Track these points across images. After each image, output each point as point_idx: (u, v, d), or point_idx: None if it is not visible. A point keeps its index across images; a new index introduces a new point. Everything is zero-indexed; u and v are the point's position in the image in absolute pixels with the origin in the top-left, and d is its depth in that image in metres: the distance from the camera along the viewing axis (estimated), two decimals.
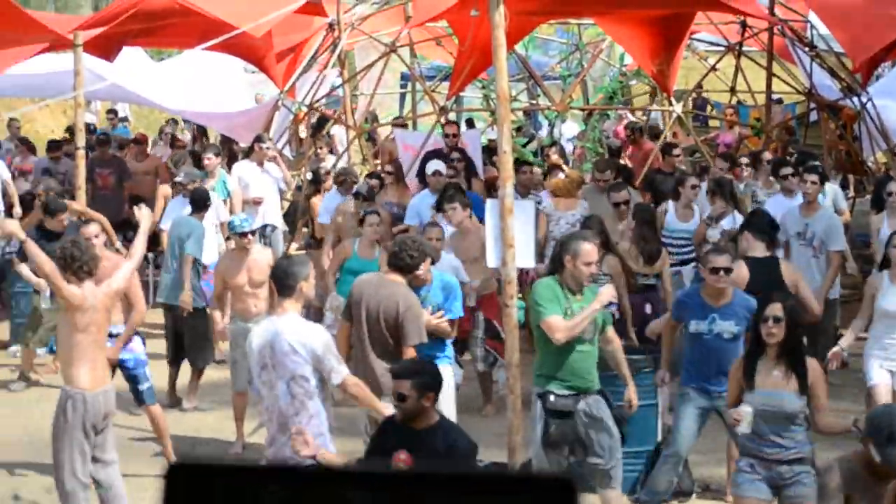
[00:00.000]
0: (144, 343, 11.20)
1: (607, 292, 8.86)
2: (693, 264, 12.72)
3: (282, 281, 8.05)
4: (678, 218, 13.72)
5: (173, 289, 13.16)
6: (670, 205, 13.92)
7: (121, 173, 18.71)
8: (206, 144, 20.38)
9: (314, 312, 12.79)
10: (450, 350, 10.07)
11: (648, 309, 12.03)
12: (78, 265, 8.92)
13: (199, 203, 13.71)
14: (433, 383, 7.18)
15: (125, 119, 31.84)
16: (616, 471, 8.96)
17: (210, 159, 16.23)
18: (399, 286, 9.20)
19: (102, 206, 16.07)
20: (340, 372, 7.86)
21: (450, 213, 12.53)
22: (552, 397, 8.81)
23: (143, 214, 9.72)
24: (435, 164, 14.87)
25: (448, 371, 9.66)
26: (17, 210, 17.95)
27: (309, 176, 18.06)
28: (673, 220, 13.75)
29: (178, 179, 15.28)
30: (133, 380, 10.92)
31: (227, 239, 13.89)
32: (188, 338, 13.06)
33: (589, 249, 8.84)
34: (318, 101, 20.88)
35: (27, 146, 21.39)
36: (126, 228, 16.36)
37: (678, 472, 9.69)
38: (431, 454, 6.85)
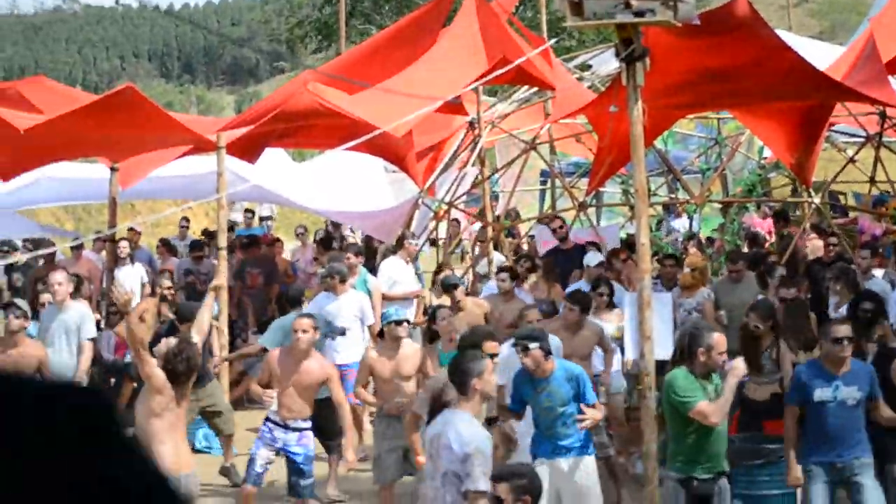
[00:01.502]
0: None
1: (740, 366, 9.04)
2: None
3: (454, 378, 8.14)
4: None
5: None
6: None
7: (270, 272, 19.04)
8: (347, 244, 20.57)
9: None
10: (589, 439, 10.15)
11: None
12: (180, 363, 9.40)
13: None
14: (530, 487, 7.20)
15: (269, 218, 32.50)
16: None
17: (350, 258, 16.38)
18: None
19: (255, 304, 16.58)
20: (476, 483, 7.71)
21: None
22: (695, 482, 9.03)
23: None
24: (598, 256, 15.52)
25: (593, 462, 9.95)
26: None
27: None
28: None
29: (321, 272, 15.51)
30: (299, 473, 11.37)
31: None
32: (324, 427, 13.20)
33: (719, 340, 9.08)
34: (457, 198, 21.11)
35: (167, 248, 21.85)
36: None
37: None
38: None
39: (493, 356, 9.49)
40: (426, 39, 17.04)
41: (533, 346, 9.82)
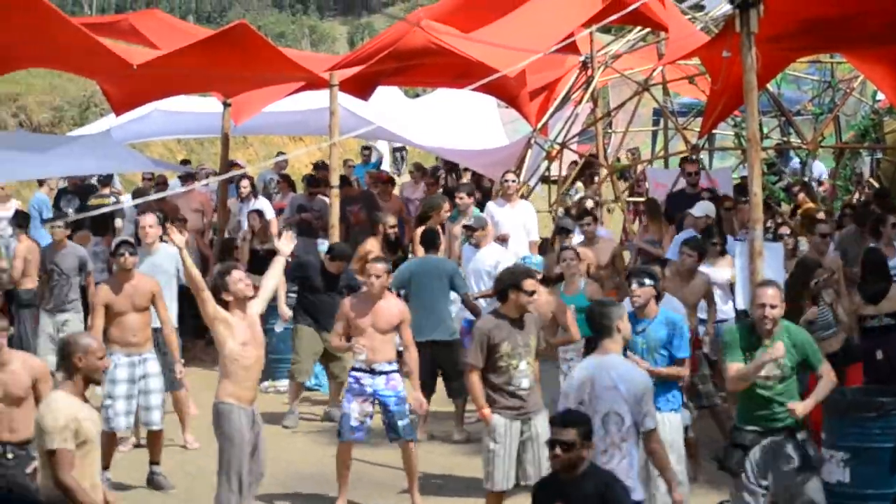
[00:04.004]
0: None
1: (778, 348, 8.90)
2: None
3: (599, 322, 8.34)
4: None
5: (435, 324, 13.71)
6: None
7: (371, 207, 18.95)
8: (459, 183, 20.80)
9: None
10: (679, 396, 10.22)
11: (880, 355, 11.64)
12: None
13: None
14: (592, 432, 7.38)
15: (402, 149, 32.71)
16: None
17: (462, 198, 16.50)
18: None
19: (358, 241, 16.76)
20: (654, 421, 8.12)
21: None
22: (749, 436, 9.08)
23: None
24: (706, 207, 15.42)
25: (677, 419, 10.02)
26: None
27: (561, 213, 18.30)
28: None
29: (466, 223, 15.60)
30: (393, 415, 11.37)
31: None
32: (450, 370, 13.71)
33: (764, 292, 9.08)
34: (570, 138, 21.08)
35: (287, 182, 21.86)
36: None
37: None
38: (587, 500, 7.14)
39: (531, 293, 9.93)
40: None
41: (648, 282, 9.99)
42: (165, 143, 31.30)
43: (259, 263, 15.38)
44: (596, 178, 21.27)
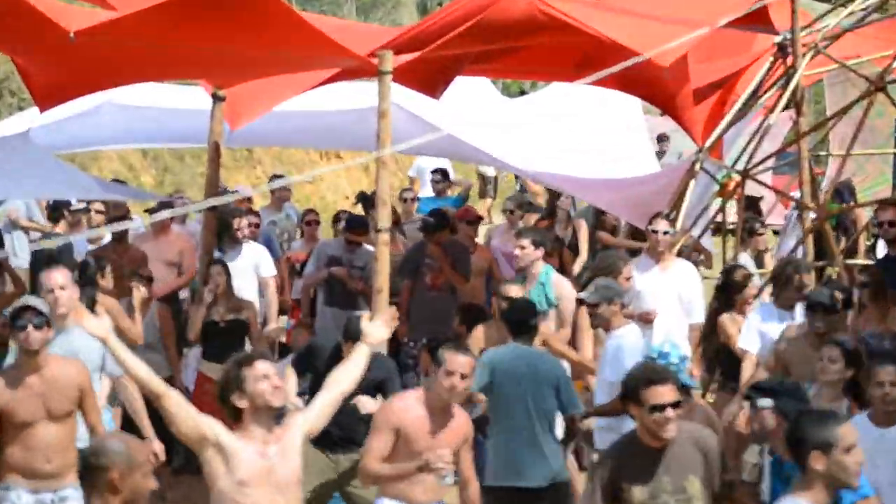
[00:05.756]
0: None
1: None
2: None
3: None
4: None
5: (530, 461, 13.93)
6: None
7: (465, 266, 19.73)
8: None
9: None
10: None
11: None
12: None
13: None
14: None
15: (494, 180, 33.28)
16: None
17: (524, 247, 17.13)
18: None
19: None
20: None
21: None
22: None
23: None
24: None
25: None
26: (272, 324, 19.30)
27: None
28: None
29: None
30: None
31: None
32: None
33: None
34: (757, 163, 20.90)
35: (312, 223, 22.38)
36: None
37: None
38: None
39: (662, 409, 10.15)
40: None
41: None
42: (123, 155, 31.91)
43: (215, 343, 16.72)
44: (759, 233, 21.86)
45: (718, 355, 16.76)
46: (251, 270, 19.83)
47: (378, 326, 11.28)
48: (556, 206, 24.57)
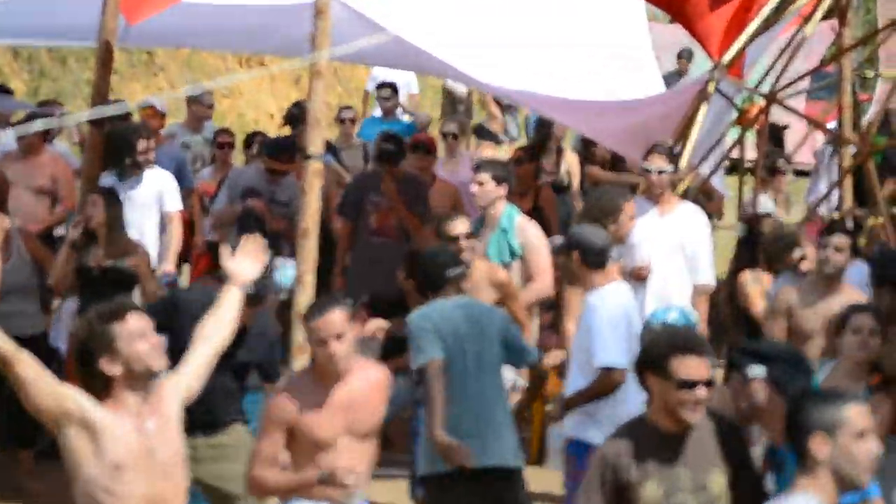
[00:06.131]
0: None
1: None
2: None
3: None
4: None
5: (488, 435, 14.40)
6: None
7: (417, 201, 19.64)
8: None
9: None
10: None
11: None
12: None
13: None
14: None
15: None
16: None
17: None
18: None
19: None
20: None
21: None
22: None
23: None
24: None
25: None
26: (167, 268, 18.99)
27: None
28: None
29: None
30: None
31: None
32: None
33: None
34: (787, 84, 20.30)
35: (224, 144, 22.42)
36: None
37: None
38: None
39: (693, 386, 10.09)
40: None
41: None
42: None
43: (90, 290, 15.85)
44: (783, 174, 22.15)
45: (737, 323, 17.23)
46: (154, 203, 19.27)
47: (244, 262, 10.86)
48: (549, 133, 24.20)
